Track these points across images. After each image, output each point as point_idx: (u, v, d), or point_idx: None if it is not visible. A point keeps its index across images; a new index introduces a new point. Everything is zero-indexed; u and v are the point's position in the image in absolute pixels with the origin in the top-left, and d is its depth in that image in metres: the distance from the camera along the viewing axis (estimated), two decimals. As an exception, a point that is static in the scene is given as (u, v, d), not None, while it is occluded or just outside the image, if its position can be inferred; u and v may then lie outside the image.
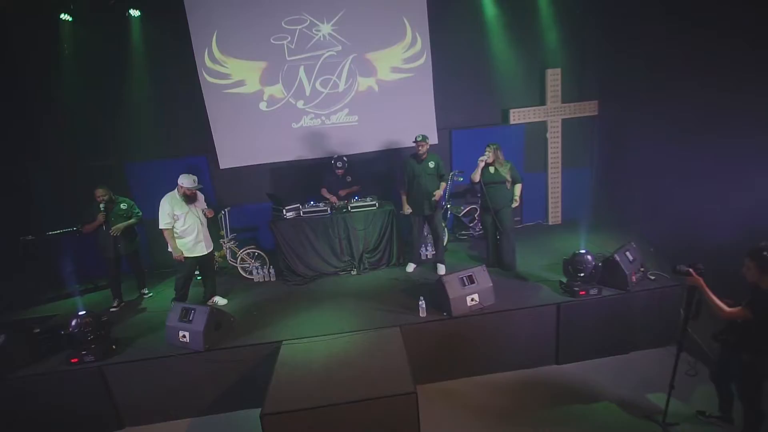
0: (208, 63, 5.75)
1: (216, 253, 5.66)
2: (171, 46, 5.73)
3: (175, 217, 4.37)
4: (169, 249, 4.51)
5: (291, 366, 3.43)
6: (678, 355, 3.20)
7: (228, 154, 6.06)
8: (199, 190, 4.56)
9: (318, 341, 3.79)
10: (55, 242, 5.59)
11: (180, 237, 4.44)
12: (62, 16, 5.41)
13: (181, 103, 5.92)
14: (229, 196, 6.18)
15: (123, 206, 5.02)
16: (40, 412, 3.70)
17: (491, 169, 4.73)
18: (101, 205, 4.81)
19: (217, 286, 5.05)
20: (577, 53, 6.14)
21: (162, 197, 4.50)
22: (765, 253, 2.56)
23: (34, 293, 5.59)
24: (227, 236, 5.69)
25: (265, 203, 6.16)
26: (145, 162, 5.99)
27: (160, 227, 4.41)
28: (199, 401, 3.92)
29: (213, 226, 5.66)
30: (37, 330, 4.16)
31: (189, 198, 4.43)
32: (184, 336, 3.83)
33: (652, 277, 4.35)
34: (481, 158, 4.70)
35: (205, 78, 5.79)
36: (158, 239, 5.86)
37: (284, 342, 3.80)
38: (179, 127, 6.01)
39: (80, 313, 3.81)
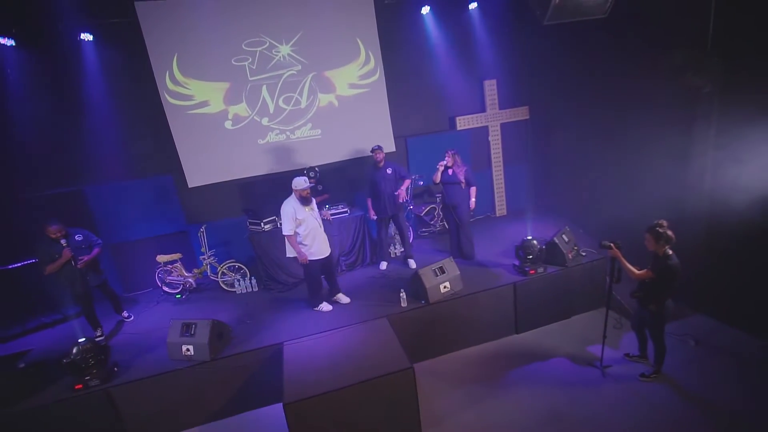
0: (170, 85, 5.86)
1: (196, 270, 5.84)
2: (129, 69, 5.73)
3: (298, 221, 4.38)
4: (289, 254, 4.56)
5: (297, 362, 3.85)
6: (607, 313, 4.10)
7: (196, 172, 6.19)
8: (302, 190, 4.45)
9: (316, 339, 4.23)
10: (12, 277, 5.40)
11: (303, 240, 4.47)
12: (4, 41, 5.23)
13: (143, 124, 5.94)
14: (200, 213, 6.31)
15: (78, 237, 4.75)
16: (49, 441, 3.76)
17: (449, 172, 5.42)
18: (62, 241, 4.53)
19: (201, 303, 5.23)
20: (508, 66, 7.05)
21: (127, 221, 4.72)
22: (657, 228, 3.47)
23: (-1, 330, 5.36)
24: (207, 252, 5.85)
25: (235, 218, 6.42)
26: (108, 184, 5.94)
27: (285, 233, 4.43)
28: (207, 408, 4.19)
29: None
30: (22, 365, 4.16)
31: (305, 200, 4.44)
32: (188, 349, 4.08)
33: (584, 254, 5.31)
34: (441, 163, 5.37)
35: (168, 100, 5.88)
36: (124, 261, 5.90)
37: (285, 343, 4.19)
38: (143, 148, 6.02)
39: (80, 340, 3.91)
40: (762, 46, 3.86)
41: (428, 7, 6.52)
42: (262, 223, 5.59)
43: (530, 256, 4.90)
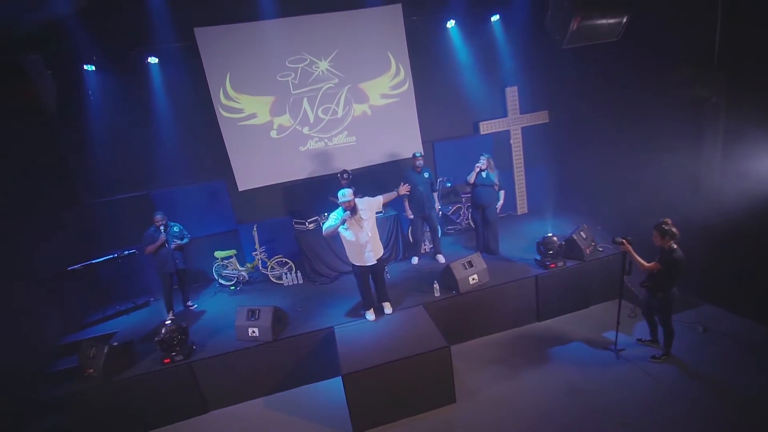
0: (223, 100, 6.58)
1: (248, 265, 6.57)
2: (188, 86, 6.48)
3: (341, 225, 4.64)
4: (353, 260, 4.88)
5: (349, 342, 4.50)
6: (620, 302, 4.60)
7: (245, 177, 6.91)
8: (347, 202, 4.60)
9: (362, 324, 4.88)
10: (95, 270, 6.22)
11: (348, 245, 4.80)
12: (86, 66, 6.03)
13: (200, 135, 6.68)
14: (249, 214, 7.05)
15: (176, 229, 5.74)
16: (144, 404, 4.53)
17: (483, 174, 5.94)
18: (162, 228, 5.51)
19: (253, 294, 5.92)
20: (529, 72, 7.50)
21: (187, 221, 5.72)
22: (663, 225, 3.97)
23: (82, 316, 6.20)
24: (258, 248, 6.56)
25: (279, 217, 7.15)
26: (170, 189, 6.72)
27: (324, 228, 4.74)
28: (270, 382, 4.89)
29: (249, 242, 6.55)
30: (115, 343, 4.93)
31: (347, 210, 4.60)
32: (253, 331, 4.78)
33: (600, 249, 5.78)
34: (477, 165, 5.89)
35: (221, 113, 6.61)
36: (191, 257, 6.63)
37: (335, 326, 4.85)
38: (199, 157, 6.78)
39: (167, 322, 4.65)
40: (766, 59, 4.25)
41: (453, 21, 7.06)
42: (306, 223, 6.27)
43: (550, 251, 5.41)
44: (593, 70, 6.31)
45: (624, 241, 4.26)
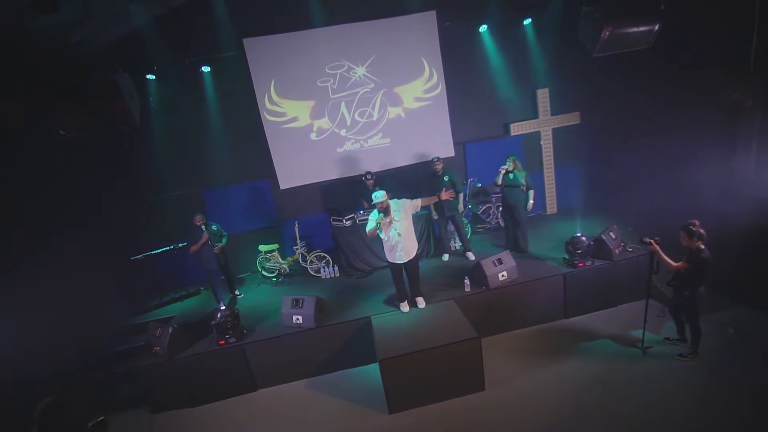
0: (268, 105, 7.09)
1: (290, 258, 7.07)
2: (236, 92, 7.02)
3: (378, 225, 4.94)
4: (389, 258, 5.15)
5: (385, 330, 4.88)
6: (647, 300, 4.75)
7: (286, 177, 7.40)
8: (380, 203, 4.84)
9: (397, 314, 5.24)
10: (153, 260, 6.87)
11: (384, 245, 5.10)
12: (148, 76, 6.66)
13: (246, 138, 7.21)
14: (290, 210, 7.55)
15: (214, 228, 6.26)
16: (202, 380, 5.07)
17: (510, 176, 6.16)
18: (203, 227, 6.05)
19: (293, 286, 6.38)
20: (561, 74, 7.60)
21: (232, 216, 6.18)
22: (690, 227, 4.11)
23: (143, 302, 6.87)
24: (299, 243, 7.04)
25: (317, 214, 7.61)
26: (219, 188, 7.30)
27: (366, 230, 5.04)
28: (311, 366, 5.34)
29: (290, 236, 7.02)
30: (175, 325, 5.50)
31: (380, 211, 4.86)
32: (297, 319, 5.23)
33: (630, 249, 5.88)
34: (502, 167, 6.13)
35: (266, 117, 7.12)
36: (228, 250, 7.10)
37: (372, 316, 5.23)
38: (245, 158, 7.31)
39: (221, 308, 5.18)
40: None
41: (485, 25, 7.27)
42: (343, 220, 6.68)
43: (579, 251, 5.59)
44: (626, 71, 6.38)
45: (652, 241, 4.42)
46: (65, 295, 5.02)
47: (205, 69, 6.84)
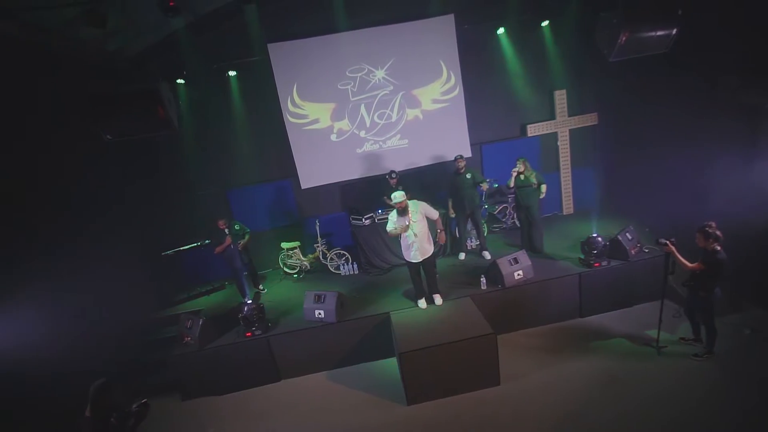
0: (291, 107, 7.34)
1: (311, 255, 7.32)
2: (261, 96, 7.29)
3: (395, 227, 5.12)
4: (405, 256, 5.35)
5: (404, 325, 5.07)
6: (662, 300, 4.81)
7: (308, 176, 7.65)
8: (399, 203, 5.02)
9: (415, 310, 5.42)
10: (181, 256, 7.21)
11: (402, 243, 5.29)
12: (178, 80, 6.98)
13: (269, 139, 7.49)
14: (310, 209, 7.81)
15: (237, 227, 6.54)
16: (229, 369, 5.36)
17: (521, 177, 6.29)
18: (226, 230, 6.33)
19: (314, 282, 6.63)
20: (579, 75, 7.65)
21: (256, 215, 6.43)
22: (706, 228, 4.17)
23: (172, 295, 7.22)
24: (319, 241, 7.29)
25: (336, 213, 7.84)
26: (243, 188, 7.60)
27: (387, 229, 5.25)
28: (332, 358, 5.57)
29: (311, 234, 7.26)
30: (204, 318, 5.80)
31: (398, 211, 5.06)
32: (319, 313, 5.47)
33: (647, 250, 5.93)
34: (514, 170, 6.26)
35: (288, 119, 7.38)
36: (252, 247, 7.36)
37: (391, 312, 5.43)
38: (268, 159, 7.59)
39: (248, 301, 5.46)
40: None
41: (503, 28, 7.37)
42: (362, 219, 6.89)
43: (594, 251, 5.67)
44: (644, 73, 6.39)
45: (668, 242, 4.49)
46: (104, 288, 5.36)
47: (231, 73, 7.14)
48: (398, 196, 5.05)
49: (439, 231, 5.35)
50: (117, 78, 5.95)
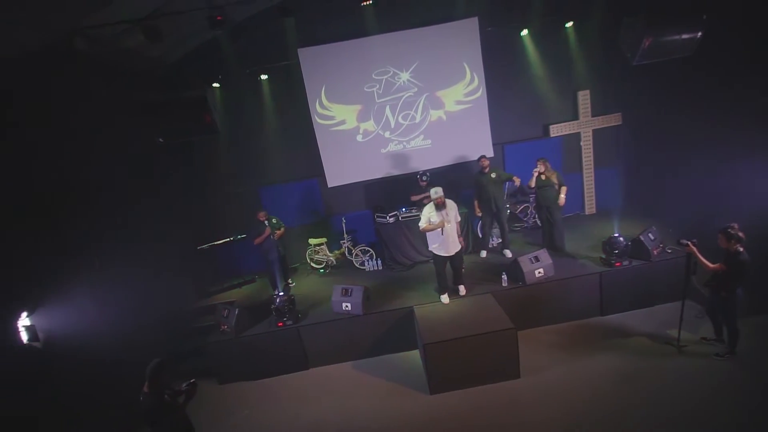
0: (319, 109, 7.66)
1: (337, 251, 7.63)
2: (290, 98, 7.63)
3: (430, 221, 5.42)
4: (430, 248, 5.62)
5: (428, 319, 5.31)
6: (683, 300, 4.88)
7: (334, 175, 7.96)
8: (439, 197, 5.31)
9: (438, 305, 5.65)
10: (216, 250, 7.64)
11: (429, 236, 5.53)
12: (214, 84, 7.39)
13: (297, 140, 7.82)
14: (336, 207, 8.12)
15: (274, 221, 6.91)
16: (262, 357, 5.72)
17: (542, 177, 6.41)
18: (266, 222, 6.70)
19: (339, 277, 6.93)
20: (603, 75, 7.67)
21: (285, 212, 6.77)
22: (729, 230, 4.24)
23: (207, 286, 7.66)
24: (345, 237, 7.59)
25: (361, 211, 8.11)
26: (273, 186, 7.97)
27: (419, 225, 5.57)
28: (357, 349, 5.86)
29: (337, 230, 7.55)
30: (237, 309, 6.18)
31: (438, 206, 5.34)
32: (347, 306, 5.76)
33: (669, 251, 5.97)
34: (535, 170, 6.39)
35: (317, 121, 7.70)
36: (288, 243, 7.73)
37: (415, 306, 5.67)
38: (297, 158, 7.94)
39: (280, 293, 5.80)
40: None
41: (526, 30, 7.47)
42: (387, 216, 7.15)
43: (616, 251, 5.75)
44: (669, 73, 6.39)
45: (689, 243, 4.57)
46: (150, 280, 5.81)
47: (263, 77, 7.50)
48: (439, 190, 5.32)
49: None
50: (159, 83, 6.39)
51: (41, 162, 4.24)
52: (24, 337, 3.83)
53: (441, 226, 5.34)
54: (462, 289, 5.79)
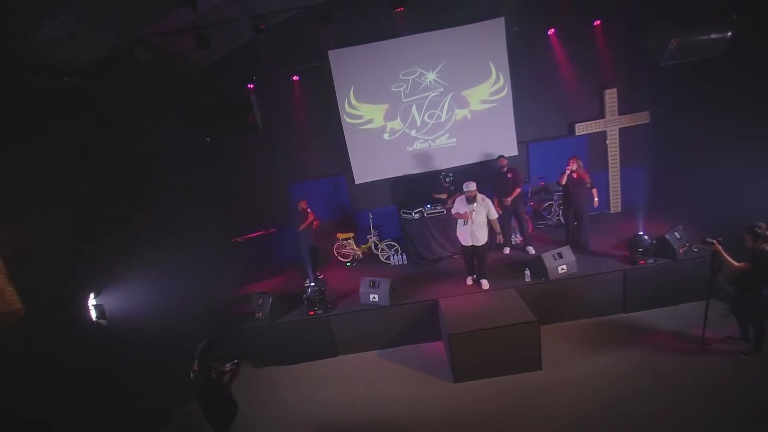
0: (347, 109, 7.95)
1: (363, 246, 7.93)
2: (320, 98, 7.94)
3: (459, 211, 5.80)
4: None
5: (452, 311, 5.53)
6: (708, 298, 4.91)
7: (361, 173, 8.25)
8: (470, 192, 5.66)
9: (462, 298, 5.86)
10: (251, 242, 8.06)
11: (459, 226, 5.89)
12: (248, 85, 7.77)
13: (326, 138, 8.14)
14: (363, 203, 8.41)
15: (309, 209, 7.27)
16: (293, 343, 6.08)
17: (574, 175, 6.48)
18: (308, 210, 7.14)
19: (366, 270, 7.22)
20: (630, 73, 7.65)
21: (314, 207, 7.05)
22: (756, 229, 4.28)
23: (240, 278, 8.09)
24: (372, 233, 7.88)
25: (387, 207, 8.37)
26: (303, 182, 8.33)
27: (452, 212, 6.00)
28: (383, 339, 6.13)
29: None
30: (271, 298, 6.55)
31: (468, 199, 5.70)
32: (374, 297, 6.04)
33: (696, 250, 5.97)
34: (567, 168, 6.42)
35: (345, 120, 7.99)
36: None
37: (439, 299, 5.90)
38: (326, 156, 8.26)
39: (311, 284, 6.14)
40: None
41: (553, 29, 7.52)
42: (412, 213, 7.38)
43: (640, 249, 5.81)
44: (698, 72, 6.34)
45: (714, 241, 4.61)
46: (195, 269, 6.25)
47: (295, 78, 7.83)
48: (471, 185, 5.68)
49: (497, 232, 6.05)
50: (200, 85, 6.82)
51: (115, 161, 4.67)
52: (93, 314, 4.29)
53: (466, 218, 5.64)
54: (485, 284, 5.99)
